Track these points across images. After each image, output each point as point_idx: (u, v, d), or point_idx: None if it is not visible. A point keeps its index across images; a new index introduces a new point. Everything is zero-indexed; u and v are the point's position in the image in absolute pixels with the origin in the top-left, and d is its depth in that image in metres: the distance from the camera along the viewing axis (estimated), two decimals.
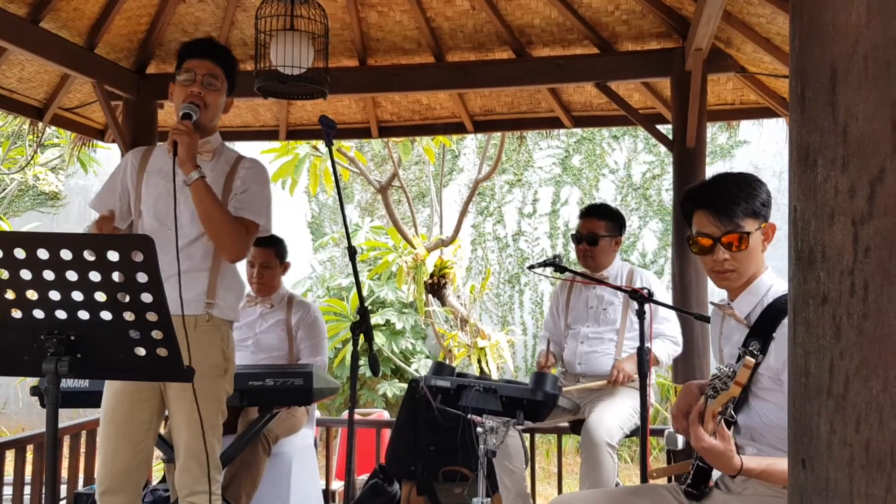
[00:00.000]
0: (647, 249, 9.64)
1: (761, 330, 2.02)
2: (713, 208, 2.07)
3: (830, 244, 0.96)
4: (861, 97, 0.93)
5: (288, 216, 10.64)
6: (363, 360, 7.47)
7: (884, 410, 0.91)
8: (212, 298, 2.62)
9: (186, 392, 2.54)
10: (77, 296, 1.80)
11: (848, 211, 0.94)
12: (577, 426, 3.76)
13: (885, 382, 0.91)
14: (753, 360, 1.87)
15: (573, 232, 3.98)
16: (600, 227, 3.86)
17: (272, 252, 4.03)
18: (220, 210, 2.57)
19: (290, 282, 10.04)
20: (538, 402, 2.96)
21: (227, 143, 2.89)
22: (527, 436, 4.15)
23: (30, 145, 9.46)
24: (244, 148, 9.56)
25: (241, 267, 3.42)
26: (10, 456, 3.89)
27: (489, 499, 3.03)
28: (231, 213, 2.61)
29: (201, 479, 2.57)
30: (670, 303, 3.87)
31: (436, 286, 8.29)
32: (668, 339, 3.81)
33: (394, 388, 8.97)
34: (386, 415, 7.16)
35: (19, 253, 1.76)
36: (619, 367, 3.66)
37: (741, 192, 2.07)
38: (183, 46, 2.79)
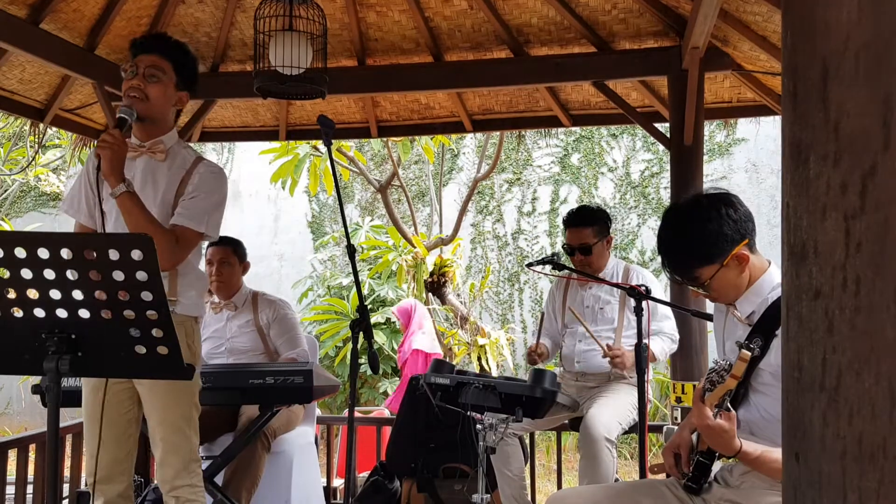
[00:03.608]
0: (645, 247, 9.65)
1: (764, 327, 2.04)
2: (669, 269, 2.13)
3: (823, 239, 0.97)
4: (852, 94, 0.94)
5: (288, 216, 10.66)
6: (363, 359, 7.48)
7: (876, 403, 0.92)
8: (174, 296, 2.63)
9: (157, 389, 2.58)
10: (77, 294, 1.82)
11: (840, 206, 0.95)
12: (576, 423, 3.77)
13: (878, 376, 0.92)
14: (749, 354, 1.89)
15: (563, 244, 3.97)
16: (588, 234, 3.86)
17: (230, 250, 4.02)
18: (147, 223, 2.51)
19: (290, 280, 10.08)
20: (537, 399, 2.97)
21: (227, 144, 2.89)
22: (526, 433, 4.16)
23: (31, 146, 9.47)
24: (244, 148, 9.58)
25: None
26: (12, 455, 3.90)
27: (489, 495, 3.04)
28: (160, 225, 2.56)
29: (182, 472, 2.60)
30: (667, 300, 3.88)
31: (436, 285, 8.30)
32: (666, 337, 3.82)
33: (394, 386, 8.97)
34: (386, 412, 7.18)
35: (20, 252, 1.77)
36: (622, 349, 3.65)
37: (685, 250, 2.07)
38: (132, 42, 2.72)
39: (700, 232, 2.05)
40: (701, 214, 2.07)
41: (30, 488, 4.07)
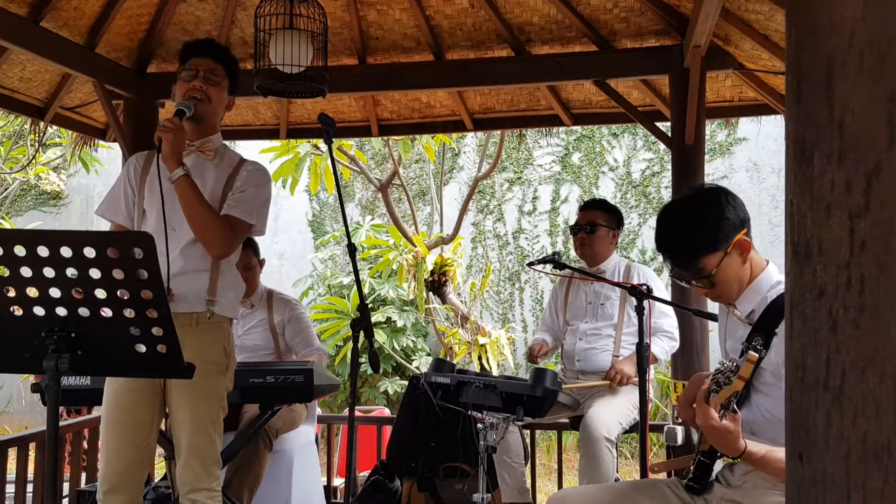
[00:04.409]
0: (646, 247, 9.64)
1: (765, 326, 2.03)
2: (671, 262, 2.11)
3: (827, 238, 0.96)
4: (857, 91, 0.93)
5: (289, 215, 10.66)
6: (364, 358, 7.48)
7: (880, 403, 0.91)
8: (213, 296, 2.63)
9: (188, 389, 2.54)
10: (77, 293, 1.81)
11: (844, 205, 0.94)
12: (576, 422, 3.77)
13: (882, 375, 0.91)
14: (756, 355, 1.88)
15: (571, 224, 4.00)
16: (598, 216, 3.89)
17: (250, 252, 4.04)
18: (203, 207, 2.57)
19: (291, 279, 10.07)
20: (538, 398, 2.97)
21: (228, 143, 2.90)
22: (527, 432, 4.15)
23: (31, 145, 9.47)
24: (245, 147, 9.60)
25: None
26: (12, 454, 3.90)
27: (489, 494, 3.04)
28: (215, 211, 2.61)
29: (203, 475, 2.57)
30: (669, 297, 3.88)
31: (436, 284, 8.30)
32: (665, 336, 3.81)
33: (395, 386, 8.98)
34: (387, 412, 7.18)
35: (19, 250, 1.77)
36: (618, 368, 3.67)
37: (689, 239, 2.06)
38: (186, 46, 2.82)
39: (702, 218, 2.05)
40: (701, 202, 2.08)
41: (30, 487, 4.06)
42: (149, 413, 2.61)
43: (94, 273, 1.78)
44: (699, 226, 2.05)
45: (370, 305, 8.99)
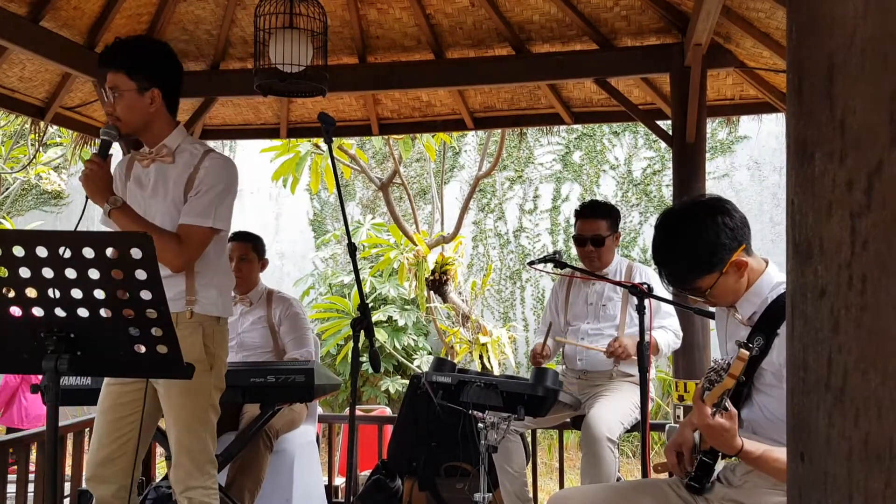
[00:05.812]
0: (647, 246, 9.63)
1: (765, 326, 2.03)
2: (668, 282, 2.14)
3: (828, 237, 0.95)
4: (859, 90, 0.93)
5: (290, 214, 10.66)
6: (365, 357, 7.48)
7: (882, 404, 0.91)
8: (192, 296, 2.64)
9: (172, 389, 2.58)
10: (76, 293, 1.81)
11: (846, 204, 0.93)
12: (578, 422, 3.76)
13: (884, 375, 0.91)
14: (747, 353, 1.88)
15: (574, 234, 3.94)
16: (602, 226, 3.84)
17: (250, 246, 4.04)
18: (142, 230, 2.54)
19: (292, 278, 10.07)
20: (539, 398, 2.96)
21: (228, 141, 2.87)
22: (528, 431, 4.15)
23: (32, 144, 9.47)
24: (245, 146, 9.59)
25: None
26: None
27: (490, 494, 3.03)
28: (156, 228, 2.59)
29: (195, 473, 2.60)
30: (670, 298, 3.87)
31: (437, 283, 8.30)
32: (669, 331, 3.80)
33: (396, 385, 8.98)
34: (388, 411, 7.18)
35: (18, 251, 1.76)
36: (621, 342, 3.62)
37: (682, 263, 2.08)
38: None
39: (697, 244, 2.05)
40: (696, 226, 2.07)
41: (31, 487, 4.06)
42: (131, 409, 2.64)
43: (93, 274, 1.78)
44: (694, 251, 2.05)
45: (371, 304, 8.99)
